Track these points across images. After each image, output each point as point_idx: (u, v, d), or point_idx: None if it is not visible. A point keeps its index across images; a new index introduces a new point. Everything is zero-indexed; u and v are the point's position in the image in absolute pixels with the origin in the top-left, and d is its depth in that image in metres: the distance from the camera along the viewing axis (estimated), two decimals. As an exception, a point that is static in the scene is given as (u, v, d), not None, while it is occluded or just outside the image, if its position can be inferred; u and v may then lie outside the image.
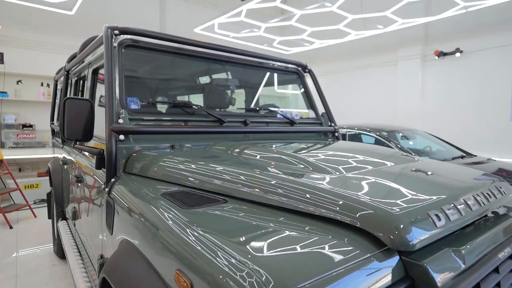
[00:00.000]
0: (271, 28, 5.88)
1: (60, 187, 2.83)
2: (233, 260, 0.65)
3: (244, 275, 0.61)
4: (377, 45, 6.58)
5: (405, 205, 0.84)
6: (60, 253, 3.04)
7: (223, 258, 0.67)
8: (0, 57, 4.98)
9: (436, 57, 5.96)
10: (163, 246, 0.85)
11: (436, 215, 0.82)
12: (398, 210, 0.80)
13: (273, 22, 5.30)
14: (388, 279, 0.70)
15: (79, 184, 1.98)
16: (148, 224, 0.96)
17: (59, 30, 5.55)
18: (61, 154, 2.87)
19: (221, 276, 0.63)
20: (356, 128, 4.65)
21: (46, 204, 5.07)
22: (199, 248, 0.73)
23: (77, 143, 1.54)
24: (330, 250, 0.71)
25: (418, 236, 0.75)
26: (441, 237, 0.81)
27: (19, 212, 4.54)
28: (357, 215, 0.80)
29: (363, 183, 1.02)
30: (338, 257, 0.69)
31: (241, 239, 0.75)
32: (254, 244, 0.72)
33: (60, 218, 2.78)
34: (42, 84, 5.53)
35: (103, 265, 1.44)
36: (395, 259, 0.73)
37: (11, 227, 3.96)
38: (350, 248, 0.73)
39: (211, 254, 0.70)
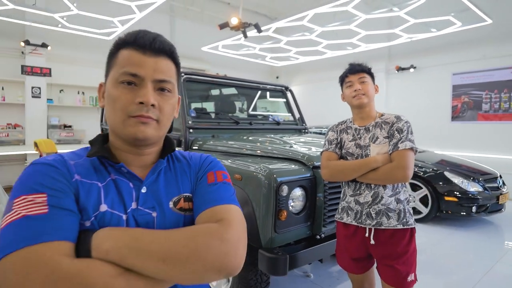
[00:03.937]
0: (264, 48, 7.28)
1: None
2: (254, 166, 2.03)
3: (259, 169, 1.98)
4: (350, 61, 8.04)
5: (318, 153, 2.22)
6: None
7: (251, 166, 2.05)
8: (48, 72, 6.26)
9: (397, 71, 7.43)
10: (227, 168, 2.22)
11: (328, 156, 2.21)
12: (314, 154, 2.19)
13: (266, 45, 6.71)
14: (307, 174, 2.07)
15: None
16: (216, 164, 2.33)
17: (93, 48, 6.84)
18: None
19: (252, 171, 2.01)
20: (331, 128, 6.08)
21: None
22: (241, 167, 2.11)
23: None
24: (289, 166, 2.09)
25: (318, 162, 2.13)
26: (329, 164, 2.20)
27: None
28: (305, 158, 2.17)
29: (306, 145, 2.41)
30: (292, 166, 2.07)
31: (256, 162, 2.12)
32: (261, 162, 2.09)
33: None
34: (78, 93, 6.82)
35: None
36: (310, 169, 2.11)
37: (68, 203, 5.25)
38: (297, 165, 2.11)
39: (247, 166, 2.07)
